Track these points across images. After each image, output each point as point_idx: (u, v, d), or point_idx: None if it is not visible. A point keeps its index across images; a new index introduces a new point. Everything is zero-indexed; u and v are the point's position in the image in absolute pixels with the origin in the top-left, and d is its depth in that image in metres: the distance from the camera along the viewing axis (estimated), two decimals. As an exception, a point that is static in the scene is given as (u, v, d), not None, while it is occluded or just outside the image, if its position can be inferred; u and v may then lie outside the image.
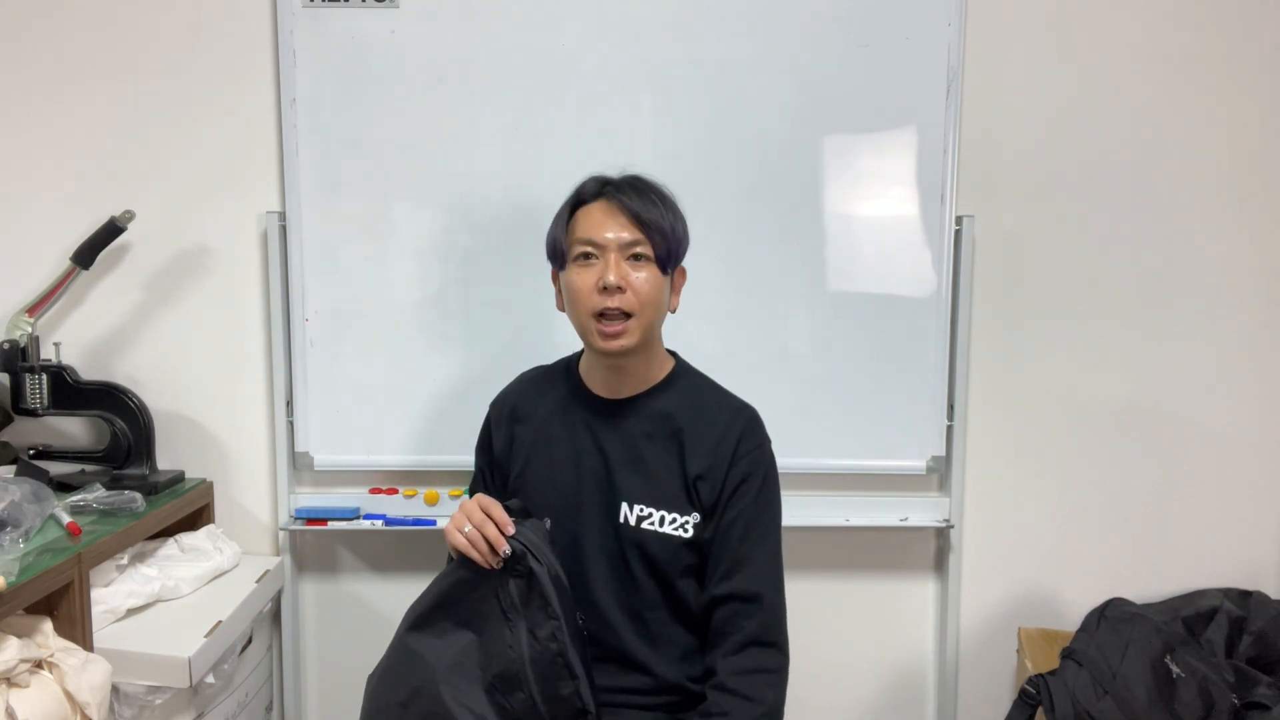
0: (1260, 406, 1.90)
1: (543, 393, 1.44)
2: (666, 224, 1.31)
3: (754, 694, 1.26)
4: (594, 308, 1.29)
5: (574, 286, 1.31)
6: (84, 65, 1.83)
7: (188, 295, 1.87)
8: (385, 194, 1.80)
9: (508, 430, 1.43)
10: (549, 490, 1.37)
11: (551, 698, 1.21)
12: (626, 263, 1.29)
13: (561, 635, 1.21)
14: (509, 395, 1.47)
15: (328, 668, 1.98)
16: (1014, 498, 1.94)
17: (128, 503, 1.62)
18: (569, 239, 1.32)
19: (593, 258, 1.30)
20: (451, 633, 1.25)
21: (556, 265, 1.37)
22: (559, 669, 1.21)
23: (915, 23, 1.76)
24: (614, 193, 1.31)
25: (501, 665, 1.22)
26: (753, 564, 1.31)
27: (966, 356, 1.86)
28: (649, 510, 1.33)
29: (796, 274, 1.82)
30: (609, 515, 1.35)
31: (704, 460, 1.33)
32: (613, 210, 1.30)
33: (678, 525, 1.33)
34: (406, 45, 1.77)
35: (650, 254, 1.30)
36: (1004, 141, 1.86)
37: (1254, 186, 1.86)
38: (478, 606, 1.25)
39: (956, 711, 1.97)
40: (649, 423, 1.36)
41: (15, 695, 1.27)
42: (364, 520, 1.87)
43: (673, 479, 1.34)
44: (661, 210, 1.31)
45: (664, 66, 1.78)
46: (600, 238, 1.29)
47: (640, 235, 1.29)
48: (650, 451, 1.35)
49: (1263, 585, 1.89)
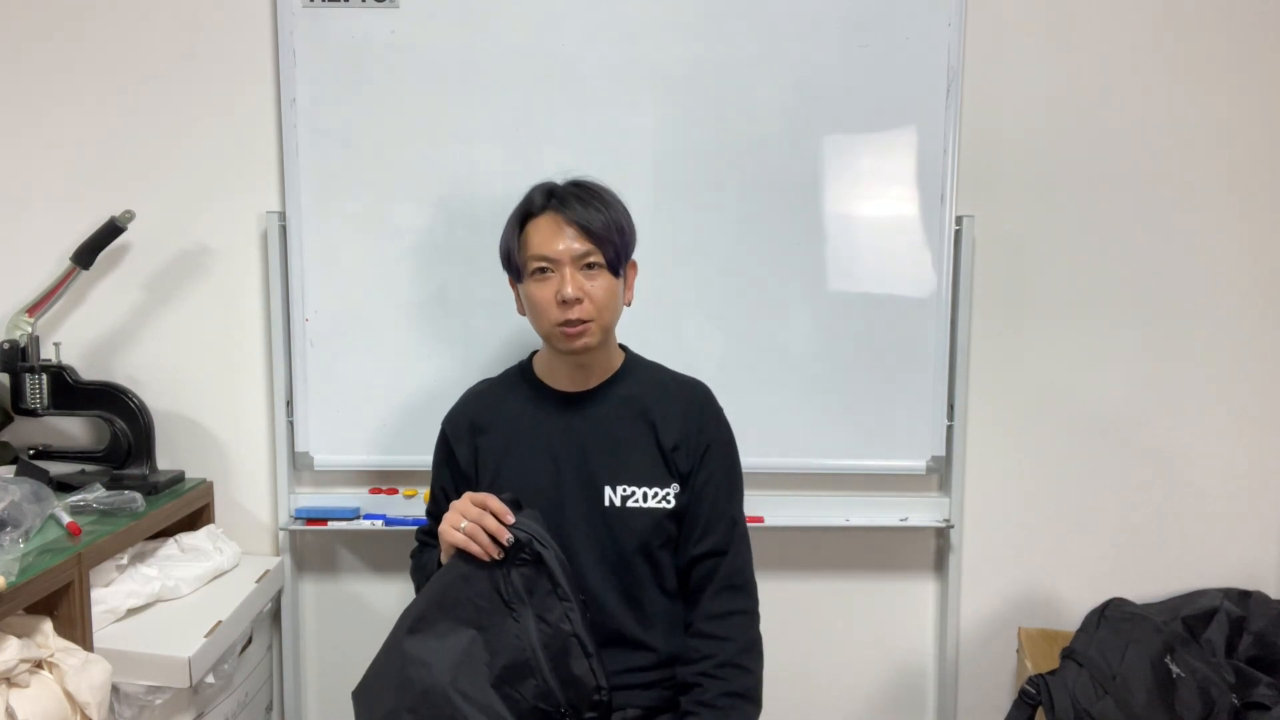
0: (1260, 406, 1.90)
1: (501, 400, 1.49)
2: (614, 230, 1.37)
3: (731, 634, 1.36)
4: (556, 319, 1.36)
5: (534, 299, 1.38)
6: (84, 65, 1.83)
7: (188, 295, 1.87)
8: (385, 194, 1.80)
9: (469, 443, 1.46)
10: (527, 489, 1.40)
11: (566, 679, 1.24)
12: (580, 273, 1.35)
13: (574, 615, 1.25)
14: (463, 410, 1.51)
15: (328, 668, 1.98)
16: (1014, 498, 1.94)
17: (128, 503, 1.62)
18: (523, 254, 1.38)
19: (548, 271, 1.36)
20: (452, 633, 1.25)
21: (513, 275, 1.43)
22: (573, 648, 1.25)
23: (915, 23, 1.76)
24: (559, 206, 1.36)
25: (509, 656, 1.23)
26: (724, 521, 1.41)
27: (966, 356, 1.86)
28: (631, 489, 1.40)
29: (796, 274, 1.82)
30: (593, 501, 1.40)
31: (676, 431, 1.42)
32: (561, 224, 1.35)
33: (660, 498, 1.40)
34: (406, 45, 1.77)
35: (602, 261, 1.36)
36: (1004, 142, 1.86)
37: (1253, 187, 1.86)
38: (477, 602, 1.25)
39: (956, 711, 1.97)
40: (617, 407, 1.44)
41: (15, 695, 1.27)
42: (364, 520, 1.87)
43: (649, 454, 1.41)
44: (607, 215, 1.37)
45: (664, 66, 1.78)
46: (553, 252, 1.35)
47: (591, 245, 1.35)
48: (623, 433, 1.42)
49: (1263, 585, 1.89)
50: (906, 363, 1.83)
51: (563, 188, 1.40)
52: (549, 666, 1.24)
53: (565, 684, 1.25)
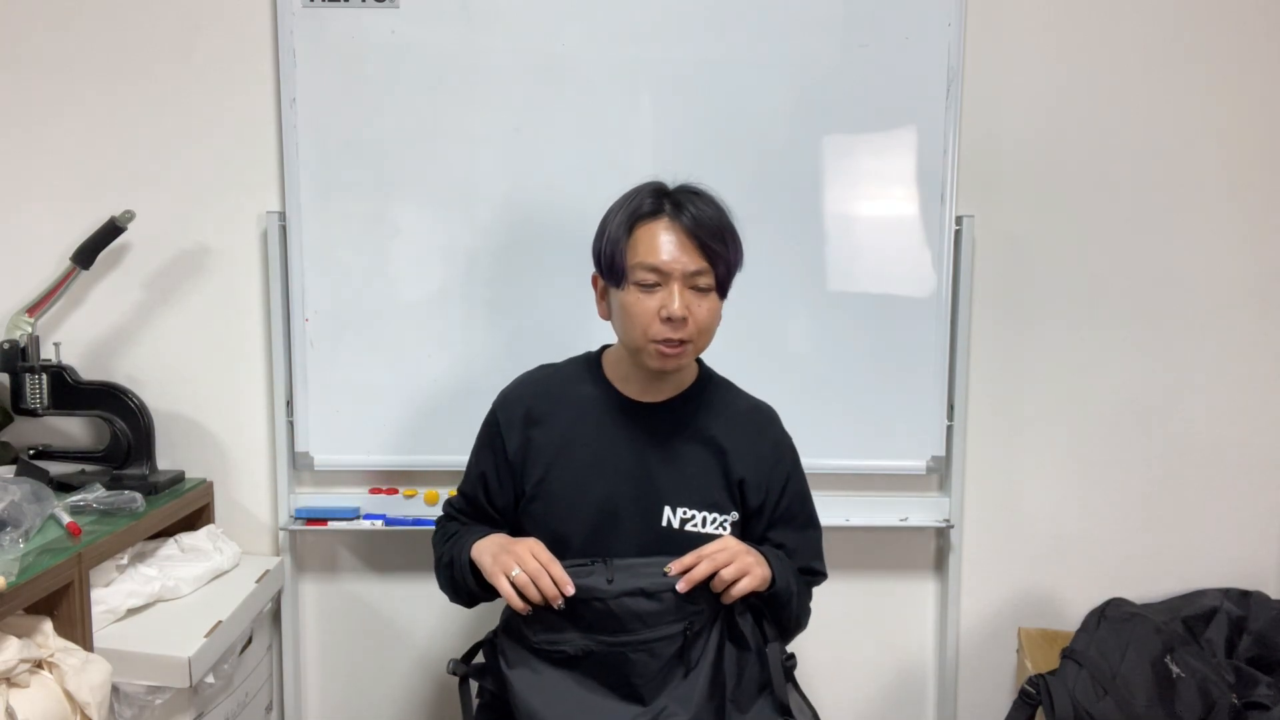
0: (1260, 406, 1.90)
1: (563, 393, 1.40)
2: (732, 252, 1.28)
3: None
4: (655, 335, 1.26)
5: (633, 310, 1.27)
6: (84, 65, 1.83)
7: (188, 295, 1.87)
8: (385, 194, 1.80)
9: (522, 433, 1.38)
10: (579, 495, 1.34)
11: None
12: (689, 292, 1.26)
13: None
14: (519, 396, 1.41)
15: (328, 668, 1.98)
16: (1014, 498, 1.94)
17: (128, 503, 1.62)
18: (630, 259, 1.27)
19: (655, 284, 1.26)
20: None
21: (612, 281, 1.31)
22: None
23: (915, 23, 1.77)
24: (677, 213, 1.26)
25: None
26: (808, 543, 1.45)
27: (966, 356, 1.86)
28: (692, 512, 1.34)
29: (796, 274, 1.82)
30: (649, 519, 1.34)
31: (747, 462, 1.37)
32: (680, 236, 1.25)
33: (718, 524, 1.35)
34: (406, 45, 1.77)
35: (713, 283, 1.28)
36: (1004, 142, 1.86)
37: (1253, 187, 1.86)
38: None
39: (956, 711, 1.97)
40: (686, 426, 1.37)
41: (15, 695, 1.27)
42: (364, 520, 1.87)
43: (714, 480, 1.36)
44: (724, 231, 1.28)
45: (664, 66, 1.78)
46: (666, 266, 1.25)
47: (706, 265, 1.26)
48: (689, 454, 1.36)
49: (1263, 585, 1.89)
50: (906, 363, 1.83)
51: (676, 192, 1.29)
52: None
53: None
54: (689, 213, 1.26)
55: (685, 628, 1.24)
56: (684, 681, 1.23)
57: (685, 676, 1.24)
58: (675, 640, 1.23)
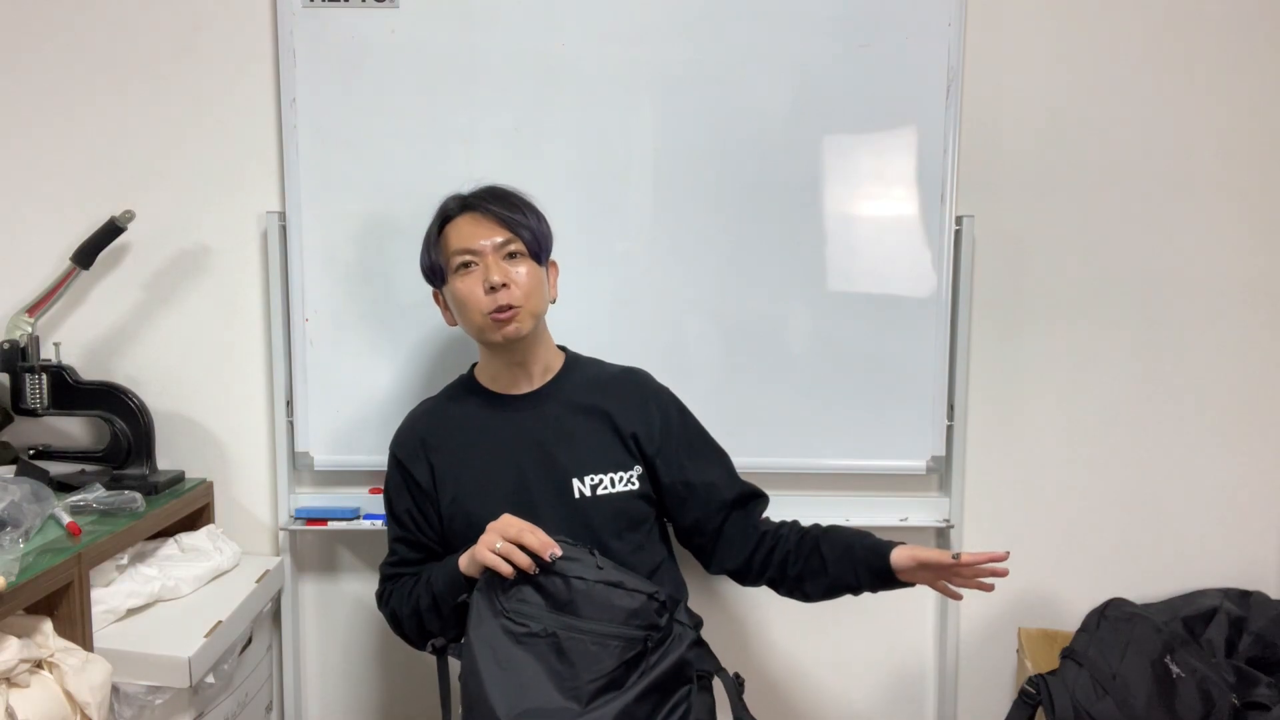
0: (1260, 406, 1.90)
1: (447, 414, 1.51)
2: (531, 221, 1.44)
3: (785, 524, 1.51)
4: (485, 308, 1.40)
5: (461, 294, 1.42)
6: (84, 65, 1.83)
7: (188, 295, 1.87)
8: (385, 194, 1.80)
9: (424, 461, 1.47)
10: (493, 496, 1.41)
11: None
12: (504, 261, 1.41)
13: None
14: (411, 430, 1.51)
15: (328, 668, 1.98)
16: (1014, 498, 1.94)
17: (128, 503, 1.62)
18: (444, 255, 1.44)
19: (472, 265, 1.41)
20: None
21: (436, 284, 1.49)
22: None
23: (915, 23, 1.76)
24: (476, 203, 1.44)
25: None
26: (727, 473, 1.53)
27: (966, 356, 1.86)
28: (599, 476, 1.44)
29: (796, 274, 1.82)
30: (562, 495, 1.42)
31: (632, 417, 1.47)
32: (479, 218, 1.42)
33: (626, 481, 1.45)
34: (406, 45, 1.77)
35: (523, 250, 1.43)
36: (1004, 142, 1.86)
37: (1253, 187, 1.86)
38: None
39: (956, 712, 1.97)
40: (568, 401, 1.48)
41: (15, 695, 1.27)
42: (364, 520, 1.87)
43: (608, 441, 1.46)
44: (524, 210, 1.44)
45: (664, 66, 1.78)
46: (475, 244, 1.41)
47: (510, 234, 1.42)
48: (578, 426, 1.46)
49: (1263, 585, 1.89)
50: (906, 363, 1.83)
51: (474, 192, 1.46)
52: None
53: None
54: (482, 198, 1.44)
55: (646, 637, 1.25)
56: (619, 693, 1.24)
57: (622, 689, 1.24)
58: (634, 645, 1.24)
